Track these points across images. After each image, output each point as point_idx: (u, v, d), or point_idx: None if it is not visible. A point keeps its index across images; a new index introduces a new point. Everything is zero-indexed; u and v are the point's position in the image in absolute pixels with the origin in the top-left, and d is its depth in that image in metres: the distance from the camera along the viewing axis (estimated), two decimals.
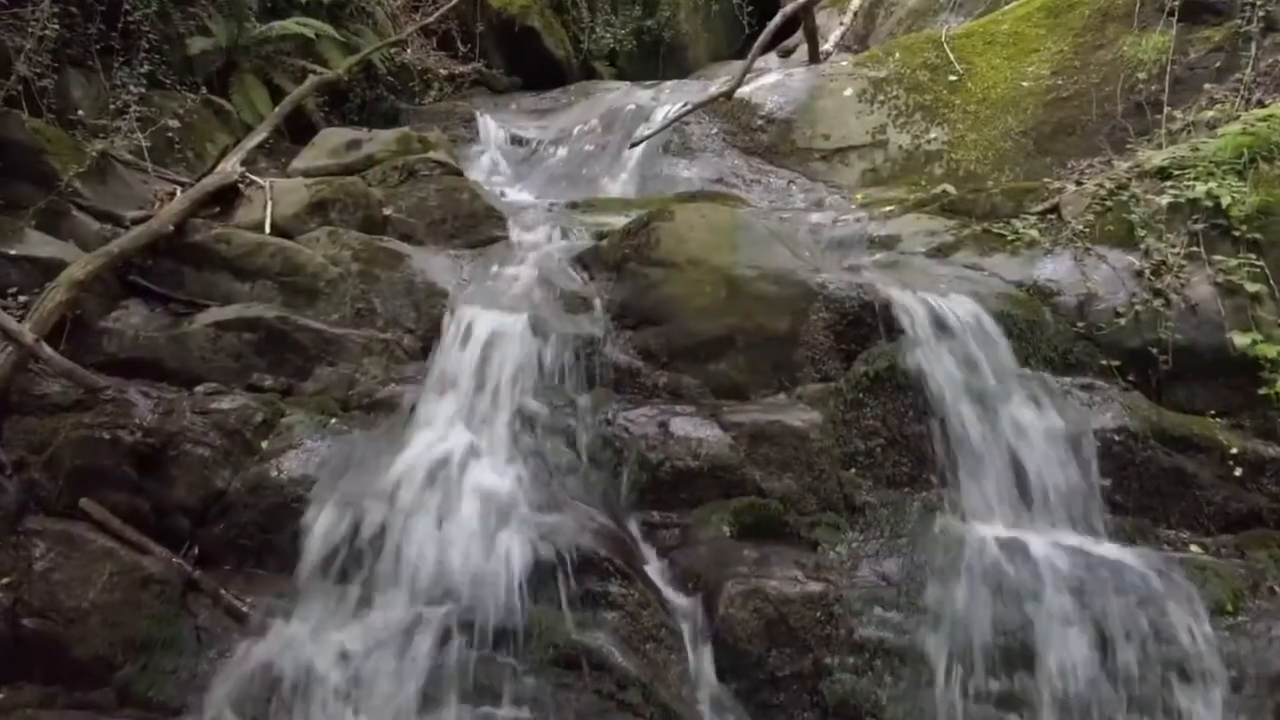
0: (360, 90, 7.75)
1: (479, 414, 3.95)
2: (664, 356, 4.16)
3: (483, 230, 5.08)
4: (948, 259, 4.25)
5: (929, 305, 3.73)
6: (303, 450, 3.85)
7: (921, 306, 3.74)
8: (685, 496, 3.73)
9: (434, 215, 5.13)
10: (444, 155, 5.46)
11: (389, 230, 5.10)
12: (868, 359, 3.75)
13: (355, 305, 4.54)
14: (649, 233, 4.33)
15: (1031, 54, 6.48)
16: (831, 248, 4.58)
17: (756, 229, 4.28)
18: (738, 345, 4.02)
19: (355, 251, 4.70)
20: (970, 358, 3.61)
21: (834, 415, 3.72)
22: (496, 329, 4.15)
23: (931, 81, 6.62)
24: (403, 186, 5.28)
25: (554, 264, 4.61)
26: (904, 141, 6.40)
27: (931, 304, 3.73)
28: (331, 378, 4.27)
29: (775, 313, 3.98)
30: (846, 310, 3.89)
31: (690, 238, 4.24)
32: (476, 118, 7.42)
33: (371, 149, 5.55)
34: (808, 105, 6.79)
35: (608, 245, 4.50)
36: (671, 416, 3.87)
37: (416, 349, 4.39)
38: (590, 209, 5.65)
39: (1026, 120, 6.14)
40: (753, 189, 6.57)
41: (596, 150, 7.08)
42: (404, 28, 8.49)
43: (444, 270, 4.66)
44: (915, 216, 4.68)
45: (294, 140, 6.87)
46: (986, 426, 3.51)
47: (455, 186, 5.18)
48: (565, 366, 4.12)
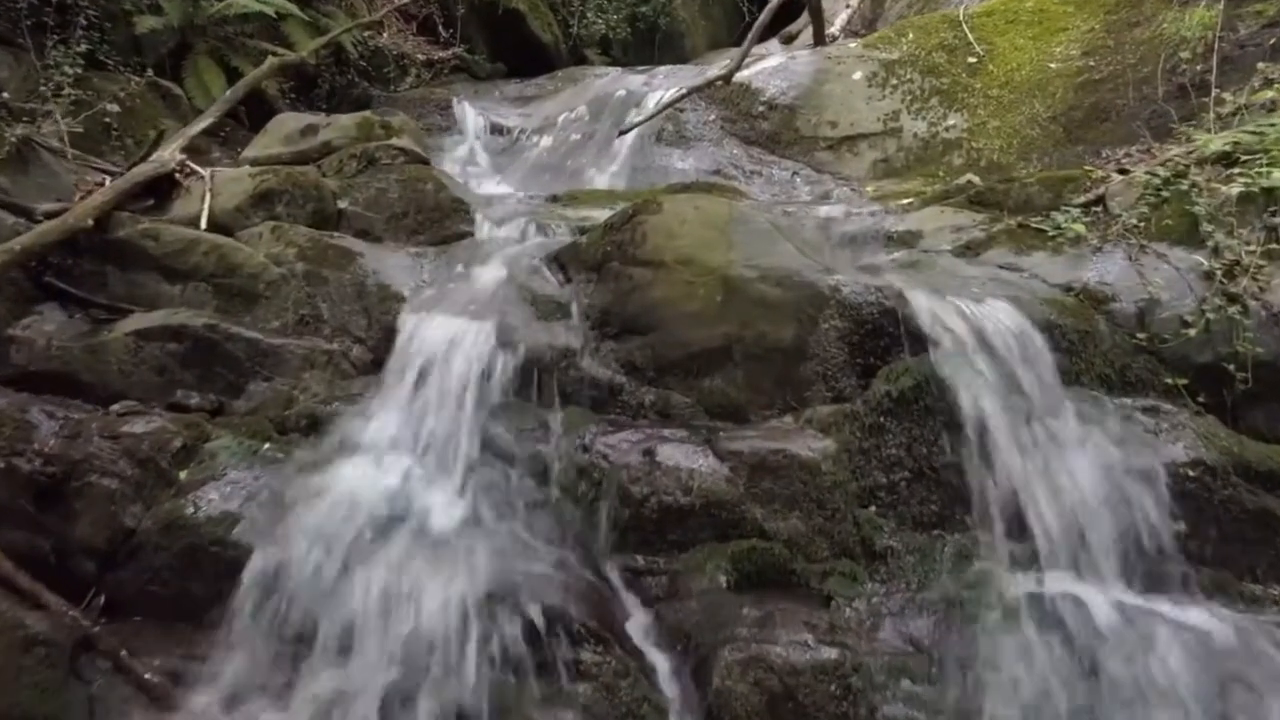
0: (329, 76, 7.19)
1: (433, 439, 3.39)
2: (650, 370, 3.59)
3: (449, 225, 4.51)
4: (979, 258, 3.68)
5: (962, 313, 3.16)
6: (226, 482, 3.29)
7: (953, 314, 3.17)
8: (674, 538, 3.17)
9: (395, 208, 4.56)
10: (408, 142, 4.89)
11: (343, 225, 4.54)
12: (889, 376, 3.18)
13: (299, 311, 3.97)
14: (633, 227, 3.76)
15: (1059, 33, 5.91)
16: (843, 245, 4.01)
17: (756, 223, 3.71)
18: (735, 358, 3.46)
19: (301, 249, 4.13)
20: (1012, 375, 3.04)
21: (849, 443, 3.15)
22: (456, 339, 3.59)
23: (949, 64, 6.05)
24: (361, 176, 4.71)
25: (526, 264, 4.04)
26: (919, 129, 5.84)
27: (965, 311, 3.17)
28: (267, 395, 3.71)
29: (779, 320, 3.41)
30: (864, 318, 3.32)
31: (681, 233, 3.67)
32: (454, 105, 6.85)
33: (328, 135, 4.98)
34: (813, 90, 6.22)
35: (587, 242, 3.93)
36: (659, 442, 3.30)
37: (366, 361, 3.83)
38: (572, 202, 5.08)
39: (1055, 105, 5.58)
40: (753, 181, 6.01)
41: (583, 139, 6.52)
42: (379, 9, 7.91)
43: (401, 271, 4.09)
44: (938, 210, 4.11)
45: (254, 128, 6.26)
46: (1033, 458, 2.95)
47: (419, 177, 4.61)
48: (535, 382, 3.56)
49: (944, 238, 3.89)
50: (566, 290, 3.87)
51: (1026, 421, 2.97)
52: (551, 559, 3.04)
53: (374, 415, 3.52)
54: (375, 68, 7.53)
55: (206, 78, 6.11)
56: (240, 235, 4.27)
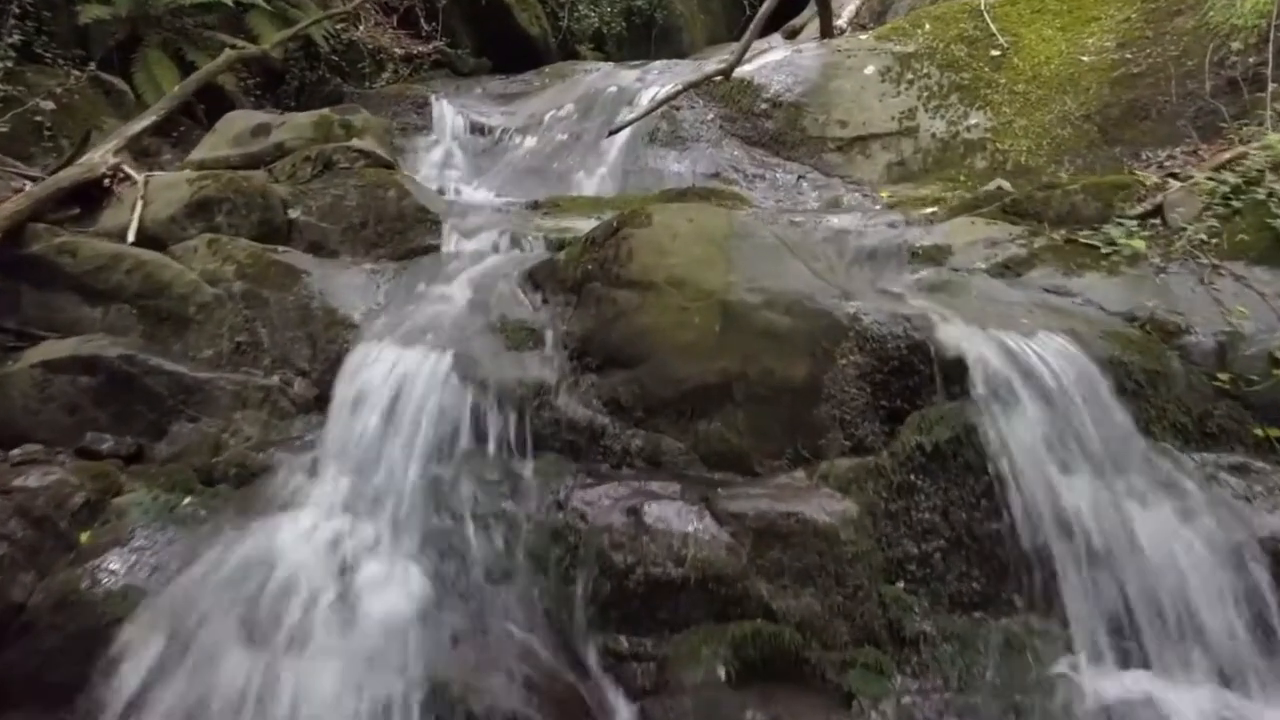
0: (299, 71, 6.67)
1: (380, 495, 2.88)
2: (638, 410, 3.08)
3: (412, 237, 3.99)
4: (1020, 279, 3.16)
5: (1008, 349, 2.65)
6: (132, 548, 2.79)
7: (997, 350, 2.65)
8: (664, 616, 2.65)
9: (352, 218, 4.04)
10: (370, 143, 4.37)
11: (294, 237, 4.02)
12: (922, 424, 2.66)
13: (235, 338, 3.46)
14: (618, 243, 3.25)
15: (1090, 23, 5.39)
16: (860, 262, 3.49)
17: (760, 238, 3.19)
18: (737, 397, 2.94)
19: (240, 266, 3.62)
20: (1070, 425, 2.52)
21: (873, 504, 2.64)
22: (411, 374, 3.08)
23: (970, 57, 5.53)
24: (316, 182, 4.19)
25: (497, 283, 3.53)
26: (938, 128, 5.32)
27: (1010, 347, 2.65)
28: (192, 438, 3.20)
29: (788, 354, 2.90)
30: (889, 352, 2.80)
31: (673, 250, 3.15)
32: (431, 103, 6.32)
33: (282, 136, 4.46)
34: (821, 86, 5.70)
35: (566, 259, 3.41)
36: (647, 500, 2.79)
37: (309, 398, 3.31)
38: (553, 210, 4.56)
39: (1088, 102, 5.05)
40: (755, 185, 5.48)
41: (570, 140, 5.99)
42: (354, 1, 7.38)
43: (353, 291, 3.57)
44: (968, 221, 3.59)
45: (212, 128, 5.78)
46: (1099, 528, 2.43)
47: (380, 182, 4.09)
48: (503, 425, 3.04)
49: (977, 254, 3.37)
50: (541, 314, 3.36)
51: (1089, 483, 2.45)
52: (515, 648, 2.52)
53: (313, 465, 3.01)
54: (349, 63, 7.01)
55: (158, 72, 5.58)
56: (174, 249, 3.76)
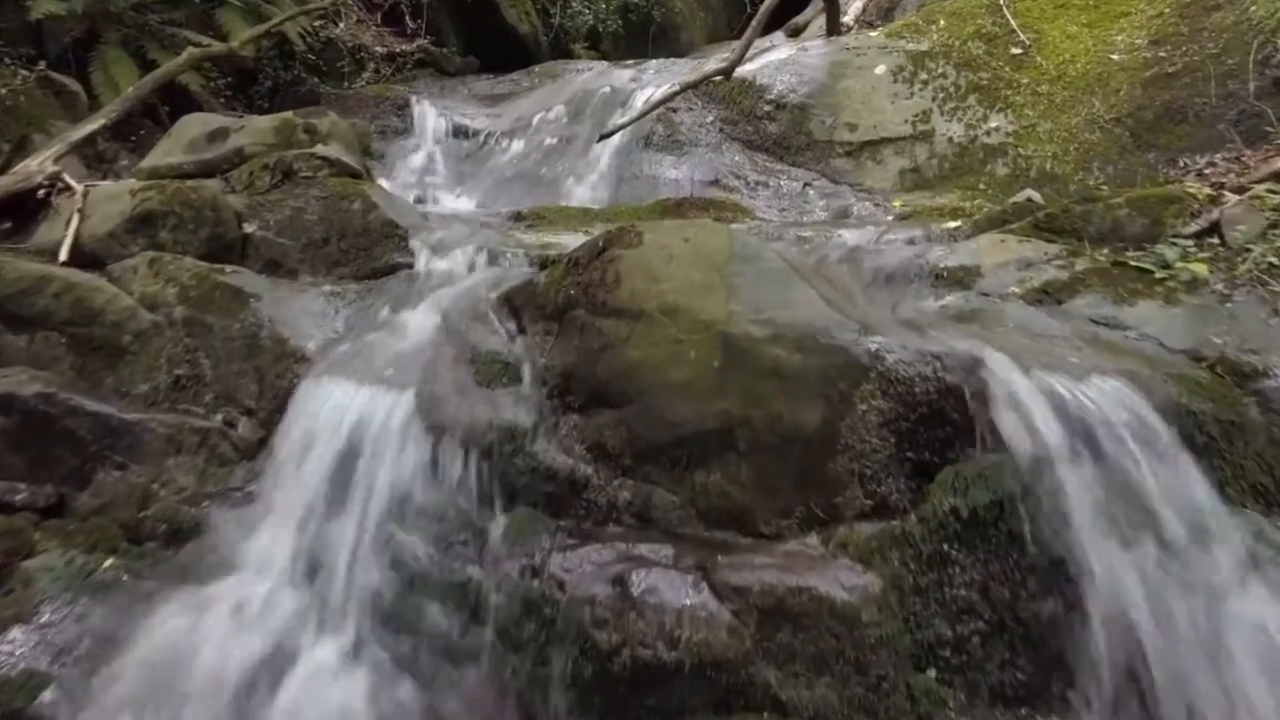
0: (272, 71, 6.28)
1: (327, 558, 2.50)
2: (626, 457, 2.69)
3: (379, 254, 3.60)
4: (1062, 307, 2.77)
5: (1056, 395, 2.26)
6: (37, 625, 2.42)
7: (1044, 397, 2.27)
8: (655, 704, 2.27)
9: (313, 233, 3.66)
10: (336, 150, 3.98)
11: (249, 254, 3.63)
12: (956, 484, 2.28)
13: (174, 371, 3.08)
14: (605, 265, 2.86)
15: (1120, 18, 5.01)
16: (878, 284, 3.11)
17: (766, 260, 2.80)
18: (740, 445, 2.56)
19: (183, 289, 3.24)
20: (1133, 488, 2.14)
21: (900, 579, 2.25)
22: (367, 416, 2.70)
23: (988, 55, 5.15)
24: (275, 193, 3.80)
25: (469, 307, 3.13)
26: (955, 132, 4.93)
27: (1060, 393, 2.26)
28: (119, 488, 2.81)
29: (799, 397, 2.51)
30: (917, 398, 2.41)
31: (666, 274, 2.77)
32: (412, 104, 5.94)
33: (240, 141, 4.06)
34: (828, 87, 5.31)
35: (546, 282, 3.02)
36: (635, 567, 2.40)
37: (253, 441, 2.93)
38: (538, 222, 4.18)
39: (1119, 104, 4.67)
40: (758, 193, 5.10)
41: (560, 144, 5.61)
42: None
43: (307, 318, 3.18)
44: (998, 238, 3.21)
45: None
46: (1170, 612, 2.04)
47: (344, 193, 3.71)
48: (471, 475, 2.66)
49: (1010, 276, 2.98)
50: (518, 345, 2.97)
51: (1156, 559, 2.07)
52: None
53: (251, 522, 2.63)
54: (327, 62, 6.62)
55: (116, 72, 5.19)
56: (112, 269, 3.38)
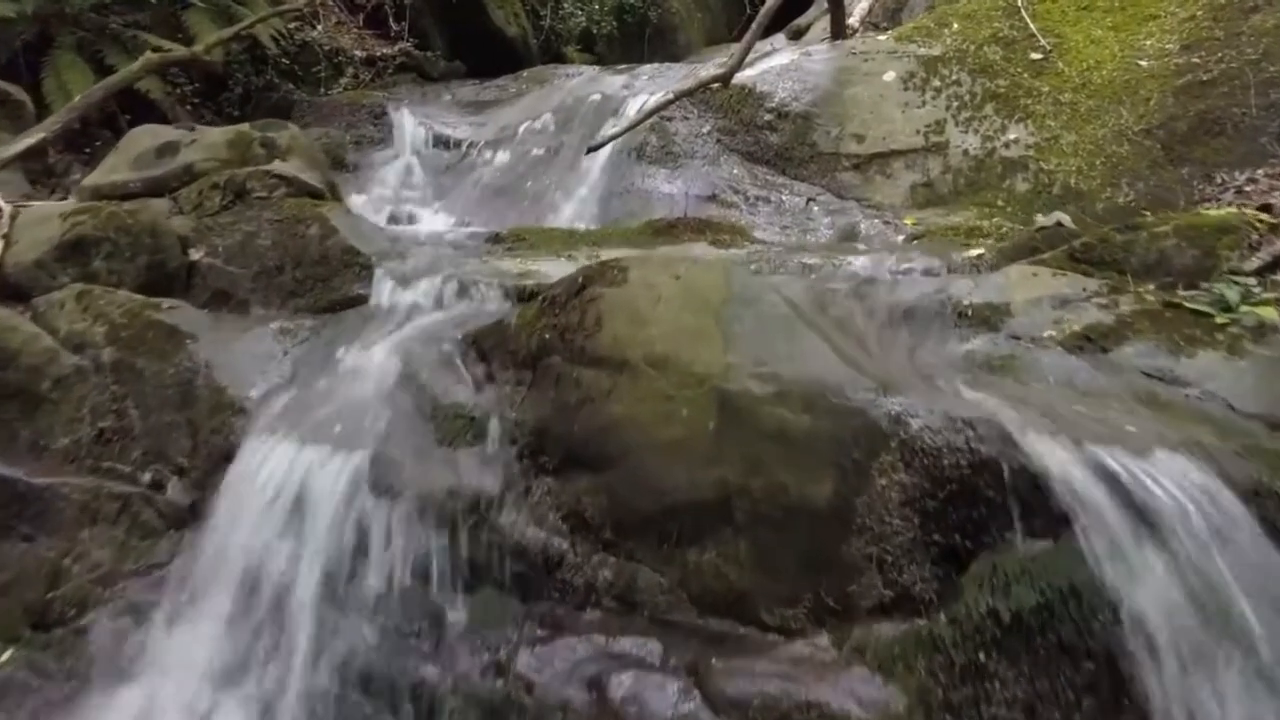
0: (243, 76, 5.93)
1: (256, 653, 2.15)
2: (607, 530, 2.34)
3: (338, 285, 3.25)
4: (1108, 357, 2.42)
5: (1113, 475, 1.90)
6: None
7: (1098, 477, 1.91)
8: None
9: (266, 260, 3.30)
10: (294, 166, 3.62)
11: (194, 283, 3.28)
12: (995, 579, 1.92)
13: (99, 423, 2.72)
14: (584, 305, 2.50)
15: (1148, 21, 4.65)
16: (894, 324, 2.75)
17: (767, 302, 2.45)
18: (738, 519, 2.20)
19: (113, 327, 2.88)
20: (1213, 591, 1.78)
21: (927, 691, 1.89)
22: (310, 481, 2.35)
23: (1006, 61, 4.79)
24: (225, 215, 3.44)
25: (433, 349, 2.78)
26: (970, 144, 4.58)
27: (1117, 472, 1.91)
28: (25, 563, 2.46)
29: (807, 465, 2.16)
30: (945, 471, 2.05)
31: (654, 317, 2.41)
32: (389, 112, 5.58)
33: (191, 156, 3.71)
34: (834, 94, 4.95)
35: (519, 323, 2.67)
36: (616, 668, 2.07)
37: (182, 507, 2.57)
38: (517, 244, 3.83)
39: (1149, 114, 4.32)
40: (758, 209, 4.75)
41: (547, 155, 5.25)
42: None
43: (251, 361, 2.83)
44: (1028, 270, 2.85)
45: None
46: None
47: (300, 216, 3.35)
48: (428, 552, 2.31)
49: (1044, 316, 2.63)
50: (486, 395, 2.61)
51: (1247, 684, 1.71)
52: None
53: (175, 608, 2.28)
54: (303, 66, 6.27)
55: (69, 79, 4.85)
56: (37, 303, 3.03)
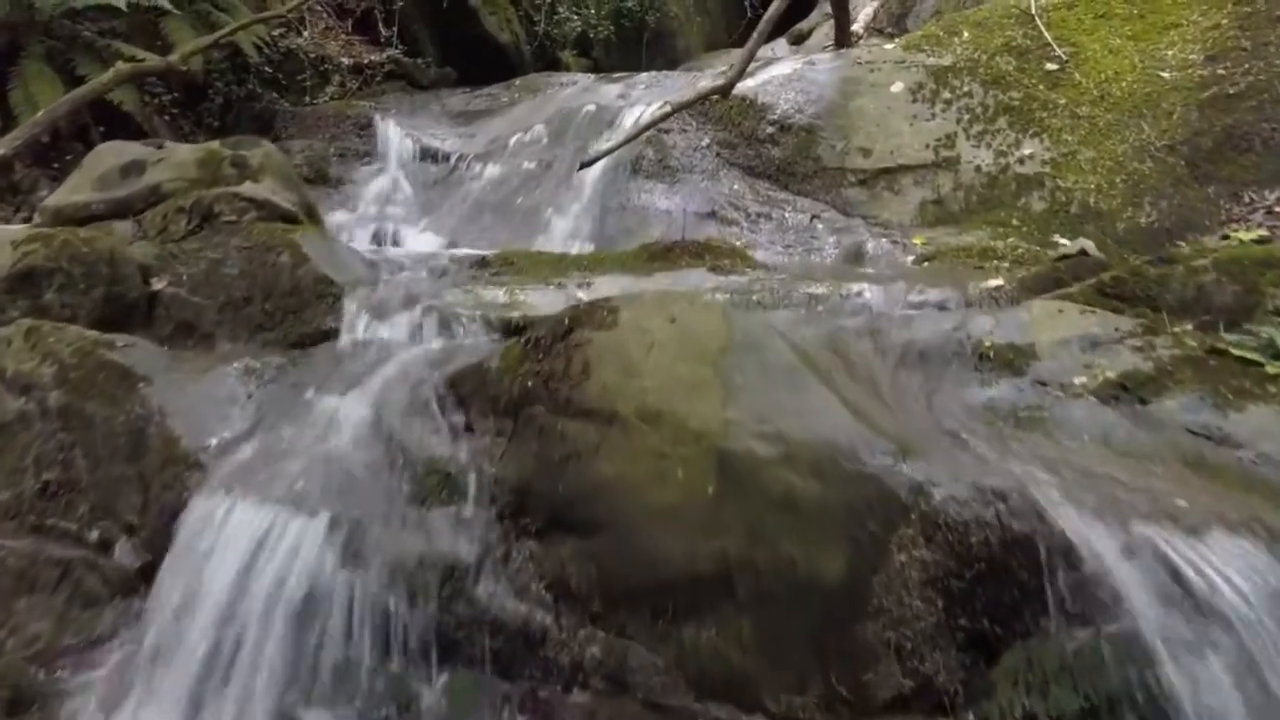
0: (223, 86, 5.70)
1: None
2: (595, 601, 2.12)
3: (309, 318, 3.03)
4: (1148, 410, 2.20)
5: (1165, 557, 1.68)
6: None
7: (1147, 558, 1.69)
8: None
9: (233, 291, 3.08)
10: (266, 187, 3.40)
11: (156, 316, 3.07)
12: (1030, 676, 1.70)
13: (43, 475, 2.50)
14: (571, 350, 2.28)
15: (1169, 30, 4.44)
16: (908, 366, 2.53)
17: (772, 349, 2.23)
18: (740, 595, 1.98)
19: (62, 368, 2.66)
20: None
21: None
22: (269, 546, 2.13)
23: (1020, 72, 4.57)
24: (191, 241, 3.23)
25: (409, 393, 2.56)
26: (983, 160, 4.36)
27: (1169, 554, 1.68)
28: None
29: (817, 538, 1.94)
30: (972, 549, 1.83)
31: (646, 366, 2.19)
32: (375, 123, 5.36)
33: (157, 176, 3.48)
34: (839, 106, 4.74)
35: (500, 367, 2.44)
36: None
37: (130, 572, 2.35)
38: (505, 269, 3.60)
39: (1172, 129, 4.10)
40: (759, 226, 4.54)
41: (539, 169, 5.04)
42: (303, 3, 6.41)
43: (210, 407, 2.60)
44: (1053, 307, 2.64)
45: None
46: None
47: (270, 243, 3.13)
48: (397, 626, 2.09)
49: (1072, 360, 2.41)
50: (464, 447, 2.39)
51: None
52: None
53: (117, 692, 2.06)
54: (287, 74, 6.04)
55: (37, 90, 4.62)
56: None
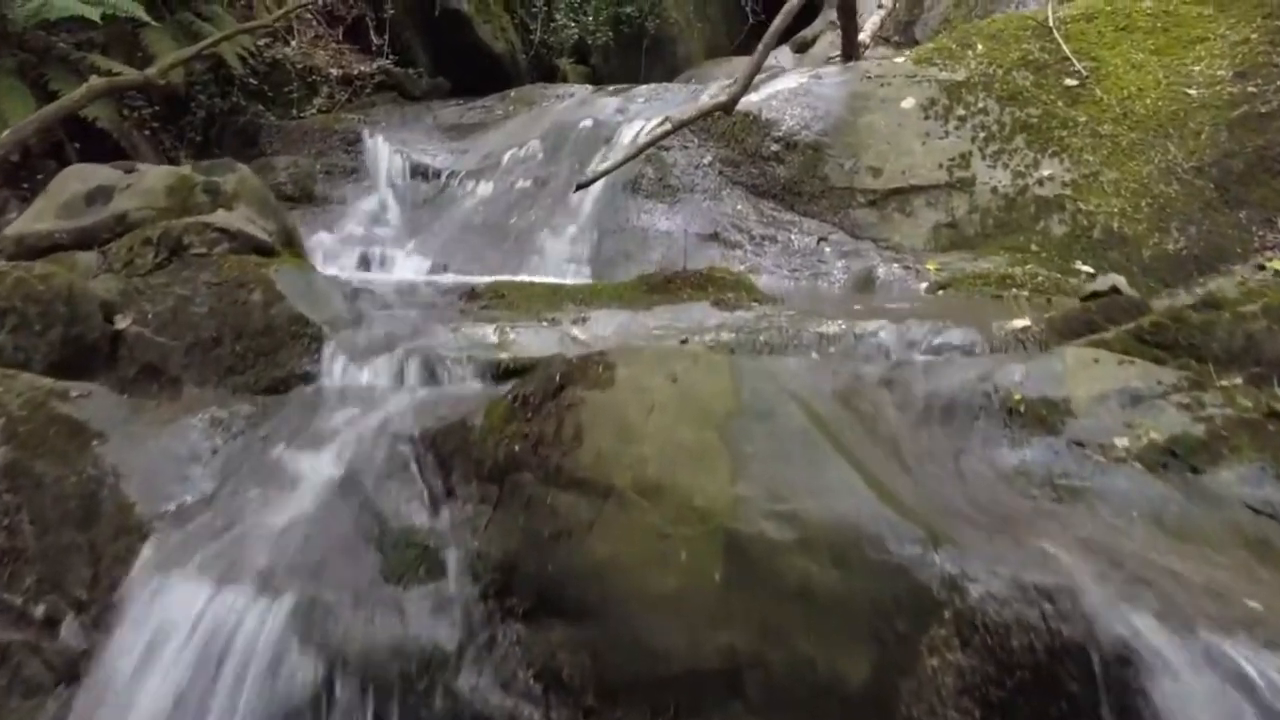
0: (207, 98, 5.49)
1: None
2: (589, 695, 1.91)
3: (283, 360, 2.81)
4: (1201, 481, 1.98)
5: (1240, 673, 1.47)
6: None
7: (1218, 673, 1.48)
8: None
9: (202, 330, 2.86)
10: (240, 216, 3.18)
11: (120, 357, 2.85)
12: None
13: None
14: (561, 411, 2.07)
15: (1195, 44, 4.22)
16: (930, 421, 2.32)
17: (784, 415, 2.01)
18: (750, 695, 1.77)
19: (10, 421, 2.45)
20: None
21: None
22: (227, 631, 1.92)
23: (1037, 88, 4.36)
24: (158, 275, 3.01)
25: (385, 450, 2.35)
26: (1000, 180, 4.15)
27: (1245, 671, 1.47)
28: None
29: (838, 634, 1.72)
30: (1014, 655, 1.61)
31: (645, 431, 1.98)
32: (364, 138, 5.15)
33: (125, 204, 3.27)
34: (847, 123, 4.53)
35: (485, 426, 2.23)
36: None
37: (75, 654, 2.13)
38: (496, 303, 3.39)
39: (1200, 150, 3.89)
40: (764, 250, 4.34)
41: (534, 187, 4.83)
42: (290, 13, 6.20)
43: (169, 466, 2.39)
44: (1088, 355, 2.42)
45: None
46: None
47: (242, 278, 2.92)
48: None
49: (1113, 418, 2.20)
50: (444, 517, 2.17)
51: None
52: None
53: None
54: (273, 86, 5.83)
55: (7, 106, 4.41)
56: None
